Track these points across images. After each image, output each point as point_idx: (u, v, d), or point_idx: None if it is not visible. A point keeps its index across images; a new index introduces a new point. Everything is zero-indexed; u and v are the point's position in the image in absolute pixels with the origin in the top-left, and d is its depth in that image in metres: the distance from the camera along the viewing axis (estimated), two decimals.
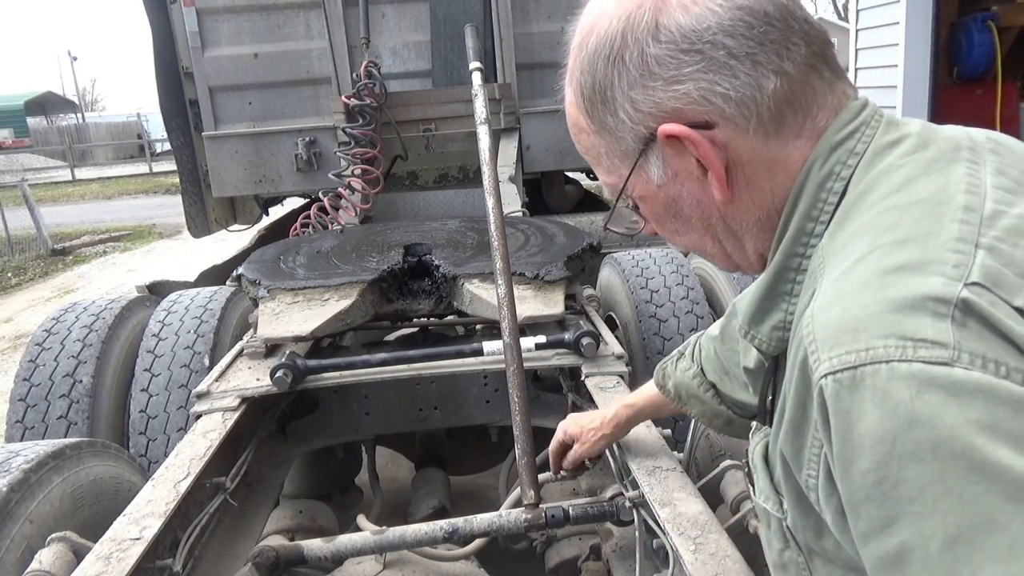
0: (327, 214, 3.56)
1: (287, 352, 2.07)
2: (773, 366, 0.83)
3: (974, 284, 0.58)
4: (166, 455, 1.75)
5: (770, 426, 0.81)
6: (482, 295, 2.21)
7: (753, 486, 0.86)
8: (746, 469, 1.30)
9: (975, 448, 0.52)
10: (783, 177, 0.77)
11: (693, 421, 2.02)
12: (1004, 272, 0.59)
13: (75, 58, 61.84)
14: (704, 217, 0.81)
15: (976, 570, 0.51)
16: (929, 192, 0.67)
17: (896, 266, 0.61)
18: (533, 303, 2.20)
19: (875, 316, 0.59)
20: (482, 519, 1.60)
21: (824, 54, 0.77)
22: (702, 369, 1.27)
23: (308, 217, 3.56)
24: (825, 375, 0.59)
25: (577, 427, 1.60)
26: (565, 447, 1.63)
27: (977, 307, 0.57)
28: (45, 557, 1.43)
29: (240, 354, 2.23)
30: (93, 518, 1.66)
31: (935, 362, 0.55)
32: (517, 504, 1.69)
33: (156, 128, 30.34)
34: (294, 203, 6.25)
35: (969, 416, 0.53)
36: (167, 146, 18.38)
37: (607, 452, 1.83)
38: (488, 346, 2.04)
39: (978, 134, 0.76)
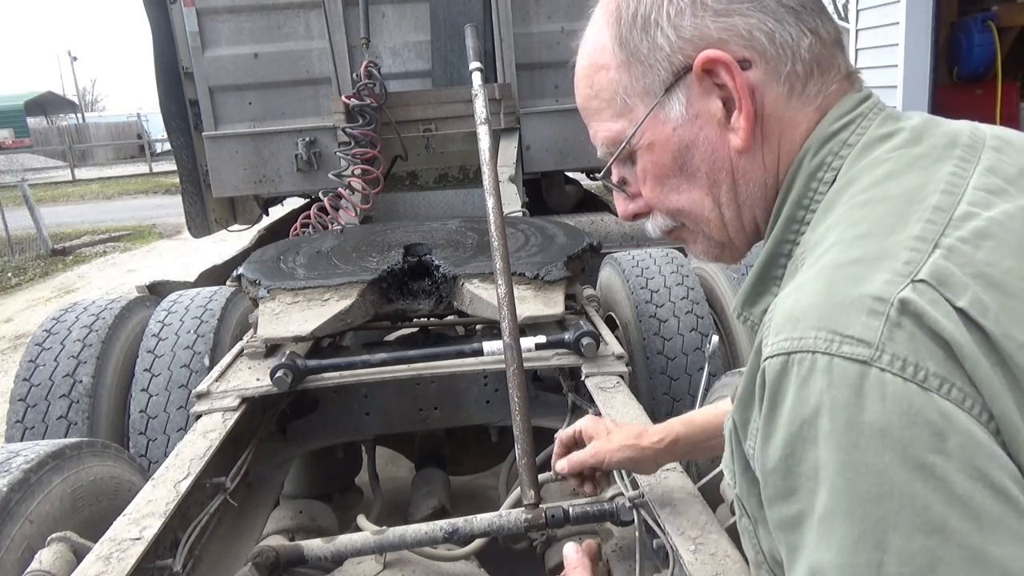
0: (327, 214, 3.56)
1: (287, 352, 2.07)
2: None
3: (920, 282, 0.59)
4: (166, 455, 1.75)
5: None
6: (482, 295, 2.21)
7: None
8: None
9: (857, 448, 0.56)
10: (789, 145, 0.79)
11: None
12: (954, 272, 0.60)
13: (75, 58, 61.86)
14: (713, 171, 0.81)
15: (828, 548, 0.58)
16: (905, 189, 0.68)
17: (849, 260, 0.63)
18: (533, 303, 2.20)
19: (815, 308, 0.61)
20: (482, 519, 1.60)
21: (842, 43, 0.81)
22: None
23: (308, 217, 3.56)
24: (767, 357, 0.63)
25: (601, 427, 1.39)
26: (575, 445, 1.42)
27: (914, 307, 0.58)
28: (45, 557, 1.43)
29: (240, 354, 2.23)
30: (93, 518, 1.66)
31: (854, 359, 0.58)
32: (517, 504, 1.69)
33: (156, 128, 30.37)
34: (294, 203, 6.25)
35: (865, 418, 0.56)
36: (167, 146, 18.40)
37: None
38: (488, 346, 2.04)
39: (986, 130, 0.75)
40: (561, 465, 1.38)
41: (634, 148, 0.84)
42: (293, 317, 2.18)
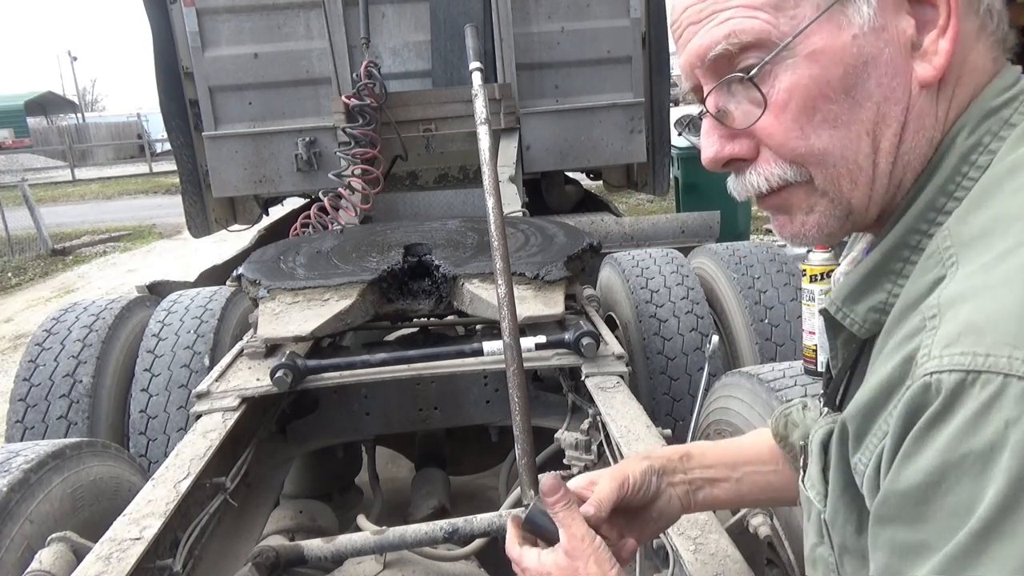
0: (327, 214, 3.56)
1: (287, 352, 2.07)
2: (858, 350, 0.73)
3: None
4: (166, 455, 1.75)
5: (838, 411, 0.73)
6: (482, 295, 2.21)
7: (804, 472, 0.76)
8: (801, 454, 0.87)
9: None
10: (962, 97, 0.67)
11: (693, 421, 2.02)
12: None
13: (75, 58, 61.84)
14: (887, 102, 0.65)
15: None
16: None
17: None
18: (533, 303, 2.20)
19: (1011, 320, 0.51)
20: (482, 519, 1.60)
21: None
22: None
23: (308, 217, 3.56)
24: (932, 372, 0.52)
25: (587, 476, 0.99)
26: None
27: None
28: (45, 557, 1.43)
29: (240, 354, 2.23)
30: (93, 518, 1.66)
31: None
32: (517, 504, 1.69)
33: (156, 128, 30.37)
34: (294, 203, 6.25)
35: None
36: (167, 146, 18.38)
37: (606, 449, 1.83)
38: (488, 346, 2.04)
39: None
40: (586, 508, 0.90)
41: (782, 58, 0.66)
42: (293, 317, 2.18)
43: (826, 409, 0.75)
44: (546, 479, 0.87)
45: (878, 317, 0.68)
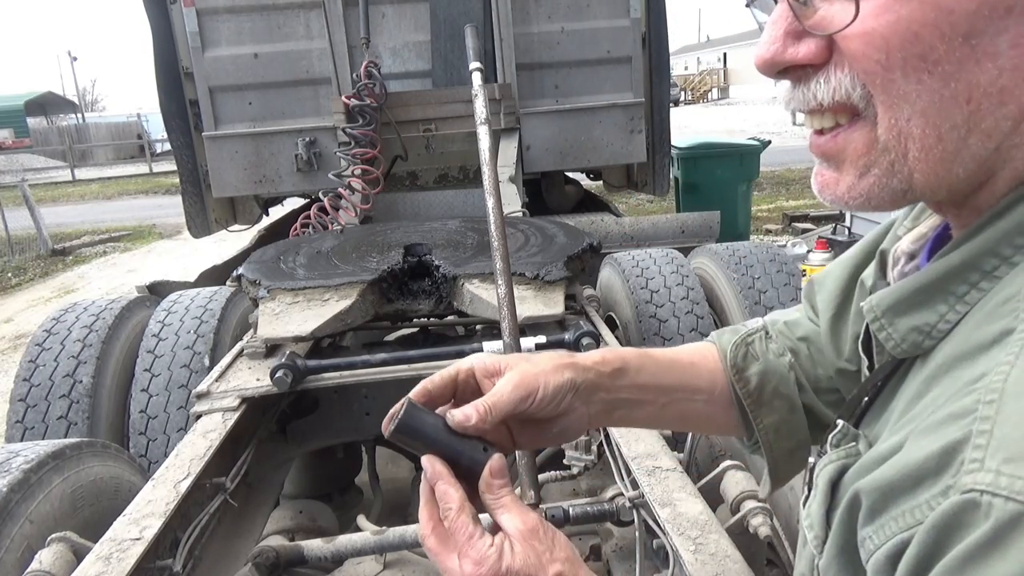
0: (327, 214, 3.56)
1: (287, 352, 2.07)
2: (891, 368, 0.64)
3: None
4: (166, 455, 1.75)
5: (855, 426, 0.65)
6: (482, 295, 2.21)
7: (809, 493, 0.68)
8: (806, 480, 0.73)
9: None
10: None
11: None
12: None
13: (75, 58, 61.76)
14: (1016, 71, 0.50)
15: None
16: None
17: None
18: (533, 303, 2.20)
19: None
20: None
21: None
22: (794, 361, 0.88)
23: (308, 217, 3.56)
24: (979, 491, 0.42)
25: (497, 360, 0.79)
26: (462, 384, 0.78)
27: None
28: (45, 557, 1.43)
29: (240, 354, 2.23)
30: (93, 518, 1.67)
31: None
32: None
33: (156, 128, 30.34)
34: (294, 203, 6.25)
35: None
36: (167, 146, 18.39)
37: (606, 449, 1.82)
38: (488, 346, 2.05)
39: None
40: (467, 414, 0.72)
41: None
42: (293, 317, 2.18)
43: (840, 422, 0.65)
44: (495, 458, 0.72)
45: (921, 340, 0.58)
